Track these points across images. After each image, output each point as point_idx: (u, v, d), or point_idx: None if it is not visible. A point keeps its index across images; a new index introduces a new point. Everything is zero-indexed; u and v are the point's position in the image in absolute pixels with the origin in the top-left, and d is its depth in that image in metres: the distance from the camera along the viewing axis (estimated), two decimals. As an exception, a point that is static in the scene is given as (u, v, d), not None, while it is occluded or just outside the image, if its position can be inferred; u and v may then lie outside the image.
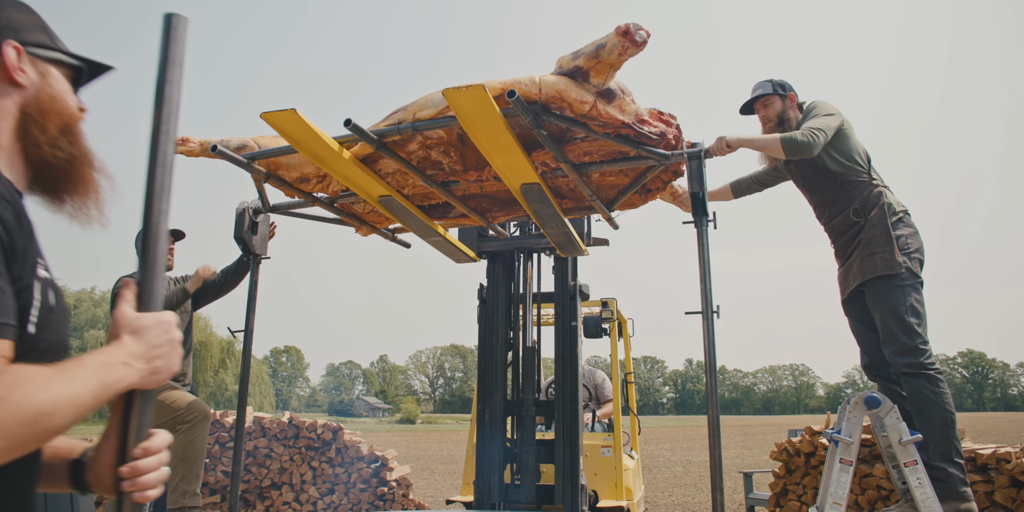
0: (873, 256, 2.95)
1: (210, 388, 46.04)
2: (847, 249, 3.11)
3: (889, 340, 2.88)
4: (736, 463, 13.45)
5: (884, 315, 2.90)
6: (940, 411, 2.79)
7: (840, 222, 3.13)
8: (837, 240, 3.18)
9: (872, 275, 2.93)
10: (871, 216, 3.02)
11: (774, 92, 3.34)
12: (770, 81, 3.40)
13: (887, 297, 2.90)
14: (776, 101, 3.34)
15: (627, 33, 2.12)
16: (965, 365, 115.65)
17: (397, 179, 2.91)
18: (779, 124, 3.32)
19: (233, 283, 4.16)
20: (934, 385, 2.80)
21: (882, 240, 2.96)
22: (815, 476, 4.32)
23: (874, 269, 2.93)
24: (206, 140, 2.88)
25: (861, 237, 3.02)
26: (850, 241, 3.08)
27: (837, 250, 3.21)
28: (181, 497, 3.48)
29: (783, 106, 3.34)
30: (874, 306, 2.96)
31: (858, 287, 3.04)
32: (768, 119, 3.35)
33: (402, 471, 6.08)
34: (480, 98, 2.11)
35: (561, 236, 3.19)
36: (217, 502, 5.66)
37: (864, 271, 2.97)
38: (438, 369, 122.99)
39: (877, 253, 2.94)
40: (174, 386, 3.73)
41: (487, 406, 3.66)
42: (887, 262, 2.91)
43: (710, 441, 2.51)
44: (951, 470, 2.74)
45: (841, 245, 3.16)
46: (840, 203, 3.12)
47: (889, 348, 2.87)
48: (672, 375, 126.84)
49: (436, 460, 16.92)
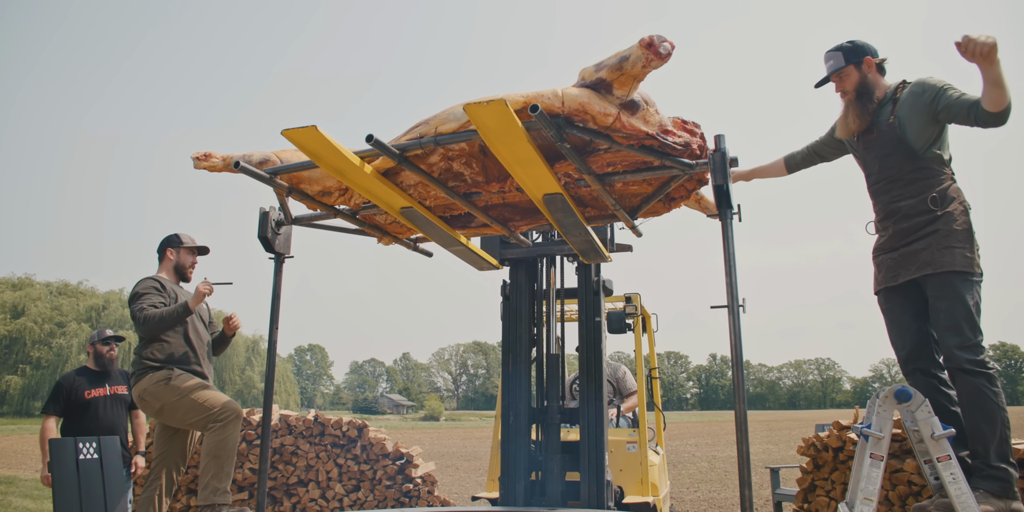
0: (952, 250, 2.84)
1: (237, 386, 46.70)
2: (909, 234, 2.95)
3: (955, 333, 2.78)
4: (762, 459, 13.34)
5: (954, 308, 2.80)
6: (1000, 411, 2.74)
7: (910, 206, 2.95)
8: (898, 223, 2.99)
9: (949, 269, 2.82)
10: (951, 209, 2.90)
11: (847, 63, 3.04)
12: (840, 50, 3.07)
13: (960, 291, 2.81)
14: (852, 72, 3.05)
15: (651, 45, 2.10)
16: (998, 358, 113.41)
17: (419, 191, 2.91)
18: (859, 97, 3.05)
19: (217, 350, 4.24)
20: (993, 384, 2.74)
21: (964, 236, 2.87)
22: (843, 471, 4.27)
23: (952, 263, 2.82)
24: (229, 156, 2.92)
25: (938, 227, 2.88)
26: (918, 227, 2.92)
27: (893, 233, 3.01)
28: (212, 494, 3.52)
29: (860, 75, 3.05)
30: (940, 297, 2.85)
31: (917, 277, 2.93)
32: (846, 92, 3.08)
33: (427, 468, 6.11)
34: (501, 113, 2.11)
35: (584, 244, 3.18)
36: (245, 499, 5.73)
37: (936, 263, 2.85)
38: (461, 366, 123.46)
39: (957, 248, 2.84)
40: (207, 385, 3.76)
41: (512, 412, 3.66)
42: (967, 259, 2.83)
43: (737, 436, 2.48)
44: (1011, 470, 2.71)
45: (903, 229, 2.97)
46: (915, 187, 2.95)
47: (954, 341, 2.78)
48: (696, 370, 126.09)
49: (460, 457, 16.98)
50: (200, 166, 2.95)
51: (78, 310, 42.23)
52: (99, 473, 3.96)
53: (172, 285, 3.98)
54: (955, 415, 2.89)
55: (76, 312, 42.08)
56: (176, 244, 4.08)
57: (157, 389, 3.67)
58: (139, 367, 3.75)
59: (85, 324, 41.19)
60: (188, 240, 4.12)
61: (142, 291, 3.80)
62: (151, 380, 3.68)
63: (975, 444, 2.78)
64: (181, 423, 3.74)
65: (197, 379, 3.75)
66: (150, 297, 3.77)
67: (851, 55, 3.05)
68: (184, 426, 3.78)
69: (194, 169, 2.97)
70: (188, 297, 3.86)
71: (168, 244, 4.09)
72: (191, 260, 4.11)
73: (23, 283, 44.78)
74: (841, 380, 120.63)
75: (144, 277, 3.94)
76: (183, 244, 4.08)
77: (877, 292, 3.14)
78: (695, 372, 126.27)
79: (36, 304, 42.07)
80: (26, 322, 40.41)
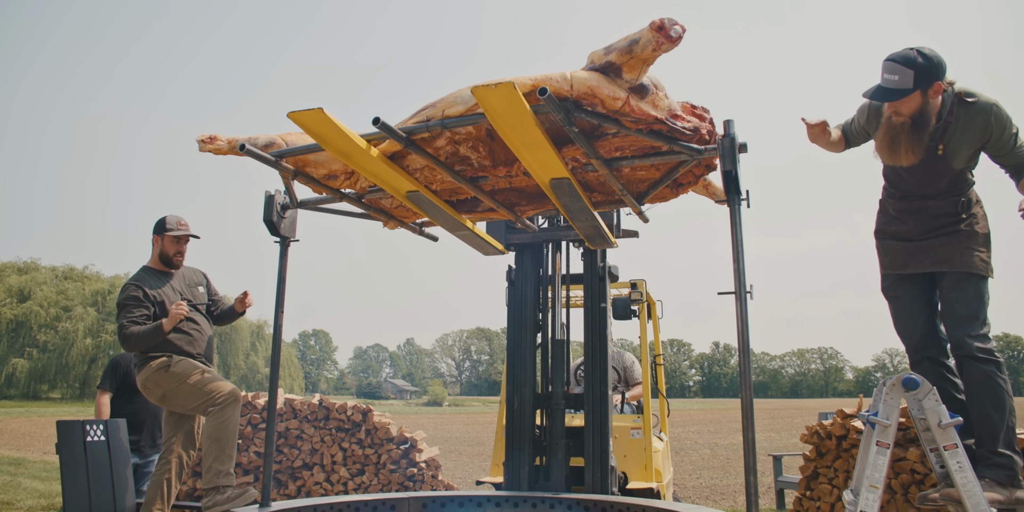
0: (972, 251, 2.87)
1: (241, 371, 46.91)
2: (930, 231, 2.95)
3: (966, 323, 2.82)
4: (764, 446, 13.38)
5: (967, 300, 2.84)
6: (1009, 399, 2.77)
7: (938, 207, 2.93)
8: (921, 220, 2.97)
9: (967, 270, 2.85)
10: (975, 211, 2.93)
11: (915, 87, 2.65)
12: (913, 68, 2.63)
13: (973, 288, 2.86)
14: (915, 97, 2.68)
15: (662, 28, 2.08)
16: (1001, 348, 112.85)
17: (425, 175, 2.90)
18: (915, 125, 2.75)
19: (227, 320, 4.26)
20: (1002, 372, 2.77)
21: (983, 240, 2.91)
22: (847, 459, 4.27)
23: (970, 265, 2.85)
24: (234, 138, 2.89)
25: (960, 228, 2.90)
26: (943, 224, 2.93)
27: (913, 226, 2.99)
28: (215, 476, 3.56)
29: (922, 101, 2.70)
30: (953, 288, 2.88)
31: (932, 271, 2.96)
32: (900, 115, 2.76)
33: (431, 452, 6.14)
34: (510, 96, 2.09)
35: (591, 229, 3.16)
36: (250, 482, 5.78)
37: (954, 261, 2.88)
38: (464, 352, 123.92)
39: (977, 251, 2.87)
40: (206, 371, 3.79)
41: (516, 397, 3.66)
42: (985, 264, 2.88)
43: (743, 423, 2.48)
44: (1017, 458, 2.72)
45: (926, 223, 2.96)
46: (948, 188, 2.92)
47: (965, 330, 2.81)
48: (699, 358, 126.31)
49: (464, 442, 17.08)
50: (205, 149, 2.93)
51: (84, 294, 42.37)
52: (107, 455, 4.00)
53: (157, 281, 3.92)
54: (961, 403, 2.89)
55: (82, 296, 42.24)
56: (161, 231, 3.97)
57: (157, 376, 3.72)
58: (140, 356, 3.79)
59: (91, 308, 41.36)
60: (175, 226, 3.98)
61: (124, 302, 3.79)
62: (151, 368, 3.74)
63: (981, 432, 2.78)
64: (183, 408, 3.78)
65: (197, 365, 3.78)
66: (130, 311, 3.75)
67: (922, 78, 2.64)
68: (186, 411, 3.82)
69: (199, 152, 2.95)
70: (171, 296, 3.89)
71: (155, 230, 4.00)
72: (175, 248, 3.98)
73: (29, 267, 44.89)
74: (844, 369, 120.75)
75: (130, 280, 3.91)
76: (167, 231, 3.95)
77: (884, 276, 3.12)
78: (698, 360, 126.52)
79: (42, 288, 42.21)
80: (32, 306, 40.58)
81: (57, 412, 27.77)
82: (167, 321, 3.71)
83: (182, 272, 4.08)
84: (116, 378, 4.76)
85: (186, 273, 4.11)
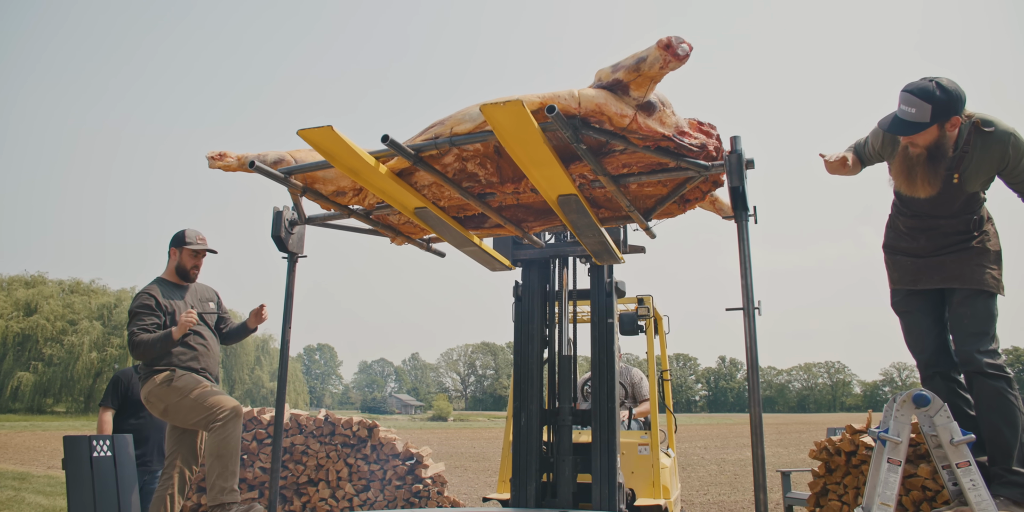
0: (983, 269, 2.88)
1: (246, 385, 46.89)
2: (944, 246, 2.96)
3: (976, 339, 2.82)
4: (772, 462, 13.26)
5: (977, 316, 2.85)
6: (1021, 415, 2.75)
7: (951, 224, 2.95)
8: (934, 238, 2.98)
9: (979, 287, 2.86)
10: (987, 230, 2.95)
11: (932, 121, 2.62)
12: (931, 103, 2.58)
13: (983, 304, 2.87)
14: (932, 131, 2.67)
15: (669, 46, 2.10)
16: (1011, 363, 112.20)
17: (433, 191, 2.91)
18: (931, 158, 2.74)
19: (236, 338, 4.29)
20: (1012, 388, 2.76)
21: (995, 257, 2.92)
22: (856, 476, 4.23)
23: (982, 282, 2.86)
24: (243, 155, 2.92)
25: (974, 245, 2.92)
26: (955, 242, 2.95)
27: (925, 244, 3.00)
28: (220, 493, 3.54)
29: (939, 134, 2.68)
30: (964, 304, 2.88)
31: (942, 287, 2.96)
32: (915, 146, 2.75)
33: (437, 468, 6.11)
34: (518, 113, 2.11)
35: (598, 245, 3.17)
36: (255, 498, 5.75)
37: (965, 278, 2.88)
38: (469, 367, 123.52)
39: (988, 269, 2.88)
40: (209, 386, 3.79)
41: (523, 413, 3.65)
42: (996, 281, 2.89)
43: (752, 440, 2.46)
44: None
45: (938, 241, 2.98)
46: (961, 208, 2.93)
47: (975, 346, 2.80)
48: (705, 372, 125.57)
49: (469, 457, 16.98)
50: (215, 165, 2.95)
51: (90, 308, 42.49)
52: (112, 471, 3.98)
53: (171, 292, 3.95)
54: (973, 420, 2.87)
55: (88, 310, 42.34)
56: (180, 244, 4.02)
57: (160, 390, 3.73)
58: (145, 370, 3.80)
59: (96, 322, 41.45)
60: (194, 240, 4.04)
61: (136, 310, 3.82)
62: (155, 382, 3.75)
63: (994, 450, 2.76)
64: (185, 423, 3.78)
65: (201, 380, 3.78)
66: (141, 318, 3.77)
67: (940, 113, 2.61)
68: (188, 426, 3.81)
69: (208, 168, 2.97)
70: (183, 308, 3.91)
71: (173, 242, 4.05)
72: (192, 262, 4.03)
73: (36, 281, 45.12)
74: (851, 383, 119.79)
75: (144, 288, 3.95)
76: (186, 245, 4.00)
77: (894, 291, 3.12)
78: (704, 374, 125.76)
79: (48, 301, 42.36)
80: (39, 319, 40.70)
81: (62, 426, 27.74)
82: (176, 329, 3.71)
83: (195, 287, 4.10)
84: (118, 394, 4.74)
85: (199, 288, 4.13)
